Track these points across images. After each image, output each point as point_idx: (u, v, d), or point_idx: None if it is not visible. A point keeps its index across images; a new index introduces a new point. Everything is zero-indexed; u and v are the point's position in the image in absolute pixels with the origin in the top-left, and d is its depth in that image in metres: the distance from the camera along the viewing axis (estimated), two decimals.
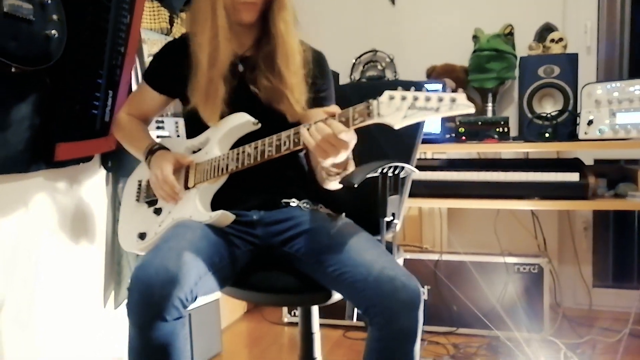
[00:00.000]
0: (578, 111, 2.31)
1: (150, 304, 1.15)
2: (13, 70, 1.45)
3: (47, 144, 1.63)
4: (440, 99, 1.11)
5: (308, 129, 1.23)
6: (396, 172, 1.45)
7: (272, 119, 1.44)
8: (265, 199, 1.47)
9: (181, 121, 2.24)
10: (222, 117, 1.44)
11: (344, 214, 1.48)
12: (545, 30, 2.60)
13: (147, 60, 2.12)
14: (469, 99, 1.38)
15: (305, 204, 1.50)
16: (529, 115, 2.35)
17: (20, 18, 1.42)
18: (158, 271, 1.18)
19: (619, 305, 2.83)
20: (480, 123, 2.59)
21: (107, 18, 1.73)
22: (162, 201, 1.49)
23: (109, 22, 1.74)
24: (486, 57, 2.63)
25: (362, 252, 1.28)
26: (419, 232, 2.82)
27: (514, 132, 2.59)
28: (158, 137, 2.10)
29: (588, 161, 2.19)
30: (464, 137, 2.60)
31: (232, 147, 1.43)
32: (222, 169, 1.41)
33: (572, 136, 2.30)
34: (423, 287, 2.60)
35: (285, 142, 1.29)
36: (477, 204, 2.29)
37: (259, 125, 1.43)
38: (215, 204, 1.44)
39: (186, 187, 1.46)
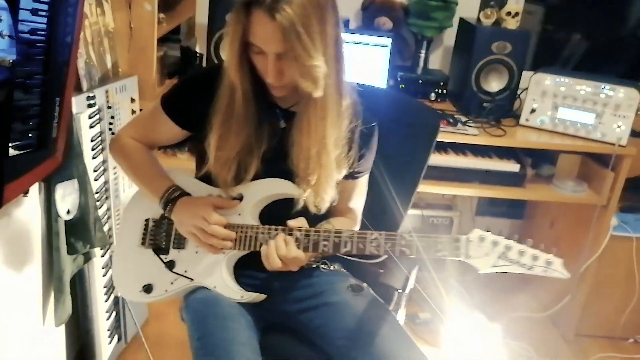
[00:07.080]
0: (519, 92, 2.38)
1: None
2: None
3: None
4: (535, 258, 1.11)
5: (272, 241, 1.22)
6: None
7: None
8: None
9: (111, 89, 1.82)
10: (257, 172, 1.28)
11: (365, 284, 1.41)
12: None
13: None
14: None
15: (323, 265, 1.42)
16: (475, 88, 2.35)
17: None
18: None
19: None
20: (420, 82, 2.54)
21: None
22: (173, 252, 1.34)
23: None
24: (433, 7, 2.47)
25: (384, 347, 1.22)
26: None
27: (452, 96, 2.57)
28: (90, 116, 1.69)
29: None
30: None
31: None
32: (260, 244, 1.26)
33: (509, 115, 2.38)
34: None
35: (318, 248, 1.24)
36: None
37: (302, 200, 1.29)
38: None
39: None
